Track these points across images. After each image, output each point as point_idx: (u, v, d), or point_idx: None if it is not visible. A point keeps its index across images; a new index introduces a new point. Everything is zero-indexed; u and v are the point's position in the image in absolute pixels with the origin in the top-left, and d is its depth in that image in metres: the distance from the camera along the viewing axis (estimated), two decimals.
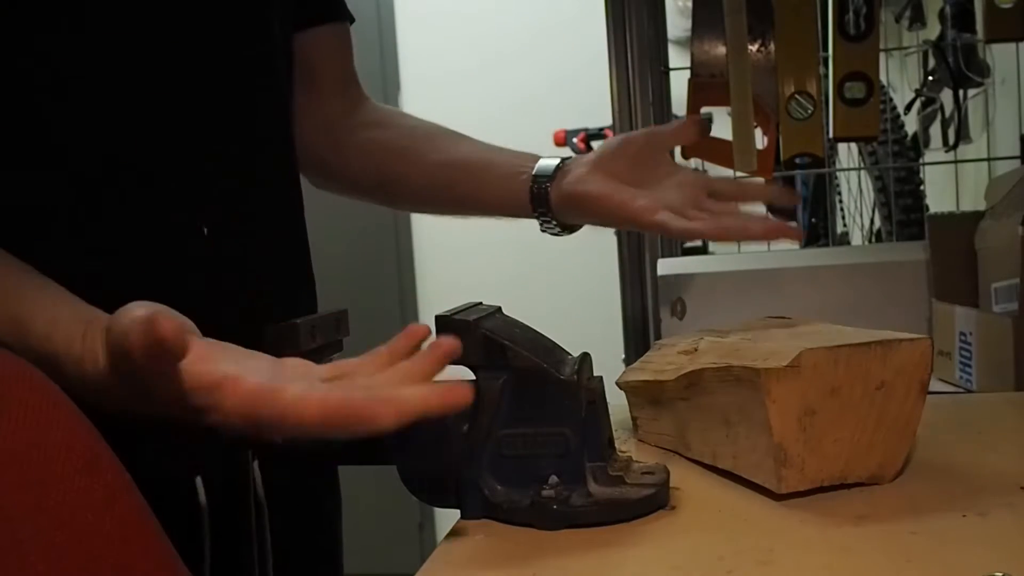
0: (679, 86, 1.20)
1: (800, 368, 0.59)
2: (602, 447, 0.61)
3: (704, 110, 0.98)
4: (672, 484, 0.63)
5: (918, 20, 1.78)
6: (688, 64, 1.00)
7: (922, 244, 1.28)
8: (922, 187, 1.79)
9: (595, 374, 0.63)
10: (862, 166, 2.00)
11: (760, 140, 0.95)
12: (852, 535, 0.56)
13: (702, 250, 2.60)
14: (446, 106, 3.32)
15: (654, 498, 0.61)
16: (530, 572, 0.54)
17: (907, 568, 0.51)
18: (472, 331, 0.61)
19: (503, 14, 3.22)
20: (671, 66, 1.42)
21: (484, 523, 0.61)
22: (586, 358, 0.62)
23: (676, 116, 1.55)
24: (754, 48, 0.95)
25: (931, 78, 1.75)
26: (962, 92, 1.71)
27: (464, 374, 0.63)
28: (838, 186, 2.19)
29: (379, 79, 3.17)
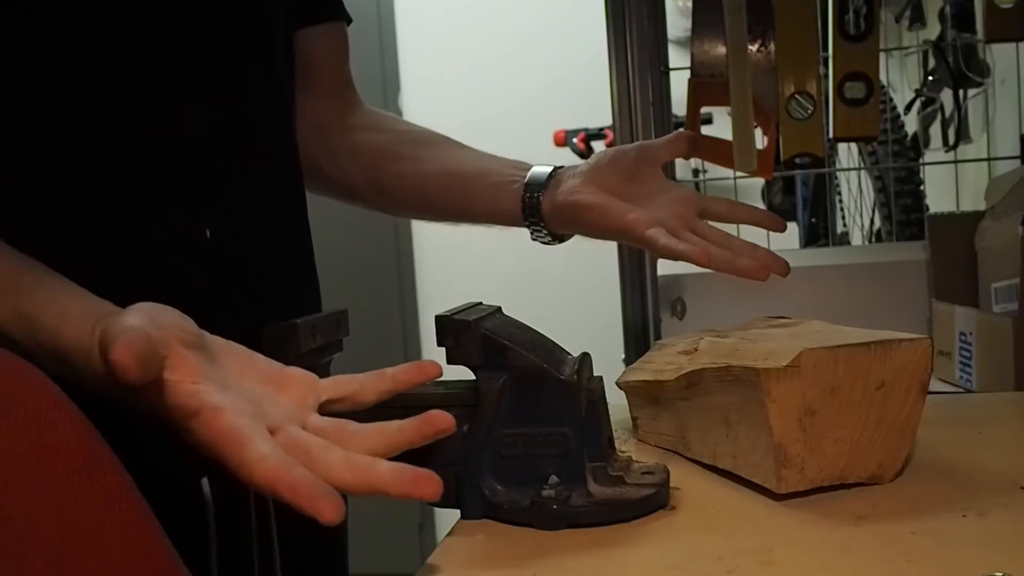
0: (679, 86, 1.20)
1: (800, 368, 0.59)
2: (602, 447, 0.61)
3: (704, 110, 0.98)
4: (672, 484, 0.63)
5: (918, 20, 1.78)
6: (688, 64, 1.00)
7: (922, 244, 1.28)
8: (922, 187, 1.79)
9: (595, 374, 0.63)
10: (862, 166, 2.00)
11: (760, 140, 0.95)
12: (852, 535, 0.56)
13: None
14: (446, 106, 3.33)
15: (654, 498, 0.61)
16: (530, 572, 0.54)
17: (907, 568, 0.51)
18: (472, 331, 0.61)
19: (503, 14, 3.22)
20: (671, 66, 1.42)
21: (484, 523, 0.61)
22: (586, 358, 0.62)
23: (676, 116, 1.55)
24: (754, 48, 0.95)
25: (931, 78, 1.75)
26: (962, 92, 1.71)
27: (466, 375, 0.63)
28: (838, 186, 2.19)
29: (379, 79, 3.17)
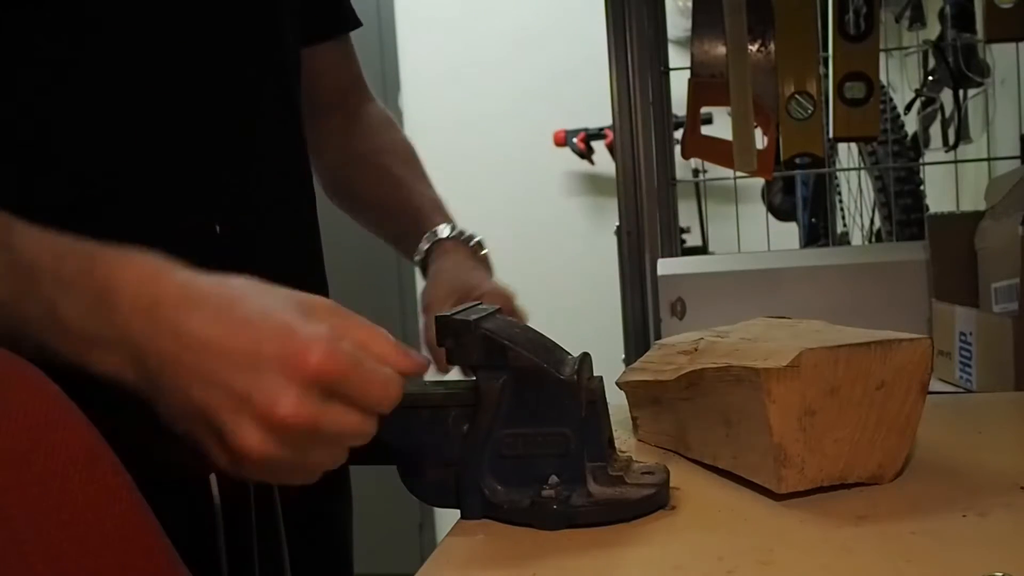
0: (679, 86, 1.21)
1: (800, 368, 0.59)
2: (602, 447, 0.61)
3: (704, 110, 0.98)
4: (672, 484, 0.63)
5: (918, 20, 1.78)
6: (688, 64, 1.00)
7: (922, 244, 1.28)
8: (922, 187, 1.79)
9: (595, 374, 0.63)
10: (862, 166, 2.00)
11: (760, 140, 0.95)
12: (852, 535, 0.56)
13: (702, 250, 2.60)
14: (446, 106, 3.33)
15: (654, 498, 0.61)
16: (530, 572, 0.54)
17: (907, 568, 0.51)
18: (472, 331, 0.61)
19: (503, 14, 3.22)
20: (671, 66, 1.42)
21: (484, 523, 0.61)
22: (586, 358, 0.62)
23: (676, 116, 1.56)
24: (754, 48, 0.95)
25: (931, 78, 1.75)
26: (962, 92, 1.71)
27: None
28: (838, 186, 2.19)
29: (379, 79, 3.17)
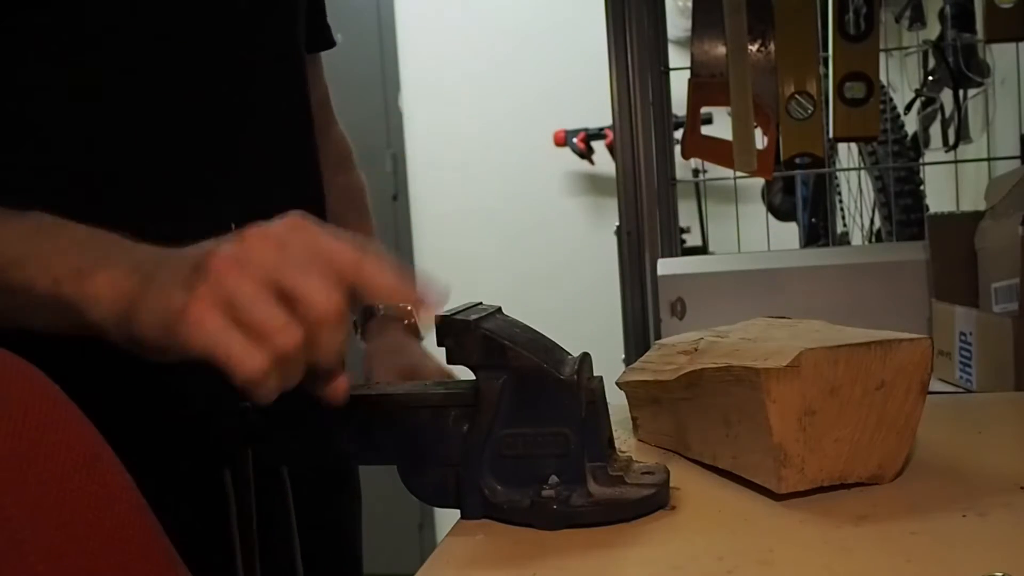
0: (679, 86, 1.21)
1: (800, 368, 0.59)
2: (602, 447, 0.61)
3: (704, 110, 0.98)
4: (672, 484, 0.63)
5: (918, 20, 1.78)
6: (688, 64, 1.00)
7: (922, 244, 1.28)
8: (922, 187, 1.79)
9: (595, 374, 0.63)
10: (862, 166, 2.00)
11: (760, 140, 0.95)
12: (852, 535, 0.56)
13: (702, 250, 2.60)
14: (446, 107, 3.33)
15: (654, 498, 0.61)
16: (530, 572, 0.54)
17: (907, 568, 0.51)
18: (472, 331, 0.61)
19: (503, 15, 3.22)
20: (671, 66, 1.42)
21: (484, 523, 0.61)
22: (586, 358, 0.62)
23: (676, 116, 1.56)
24: (754, 48, 0.95)
25: (931, 78, 1.75)
26: (962, 92, 1.71)
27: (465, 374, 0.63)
28: (838, 186, 2.19)
29: (379, 80, 3.17)
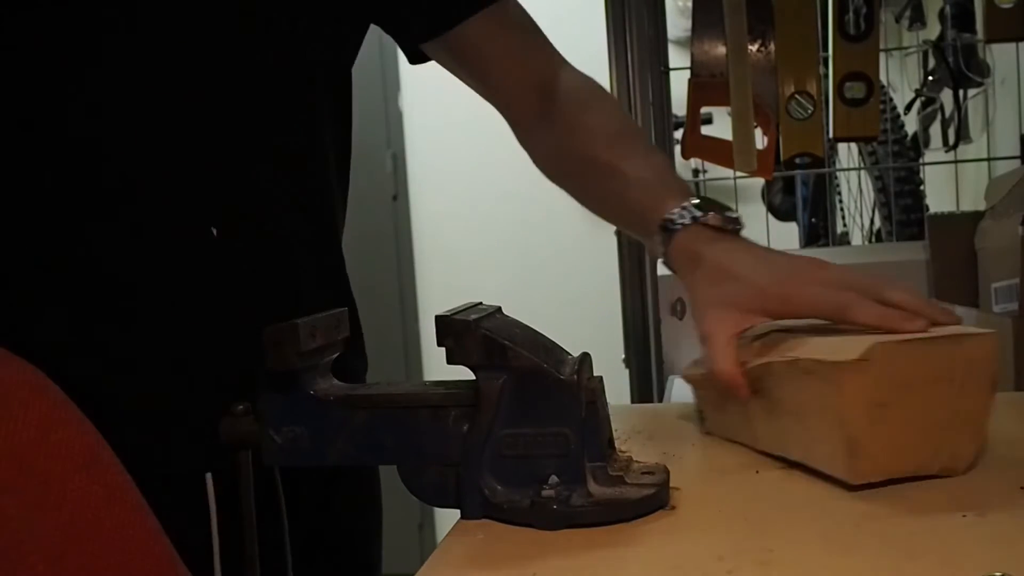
0: (679, 86, 1.21)
1: (872, 361, 0.60)
2: (602, 447, 0.61)
3: (704, 110, 0.98)
4: (672, 484, 0.63)
5: (918, 20, 1.78)
6: (688, 64, 1.00)
7: (922, 244, 1.28)
8: (922, 187, 1.79)
9: (595, 374, 0.63)
10: (862, 166, 2.00)
11: (760, 140, 0.95)
12: (852, 535, 0.56)
13: None
14: (446, 106, 3.33)
15: (654, 498, 0.61)
16: (530, 572, 0.54)
17: (907, 568, 0.51)
18: (472, 331, 0.61)
19: None
20: (671, 66, 1.42)
21: (484, 523, 0.61)
22: (586, 358, 0.62)
23: (676, 116, 1.56)
24: (754, 48, 0.95)
25: (931, 78, 1.75)
26: (962, 92, 1.71)
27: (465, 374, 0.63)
28: (838, 186, 2.19)
29: (379, 79, 3.17)
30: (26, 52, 0.69)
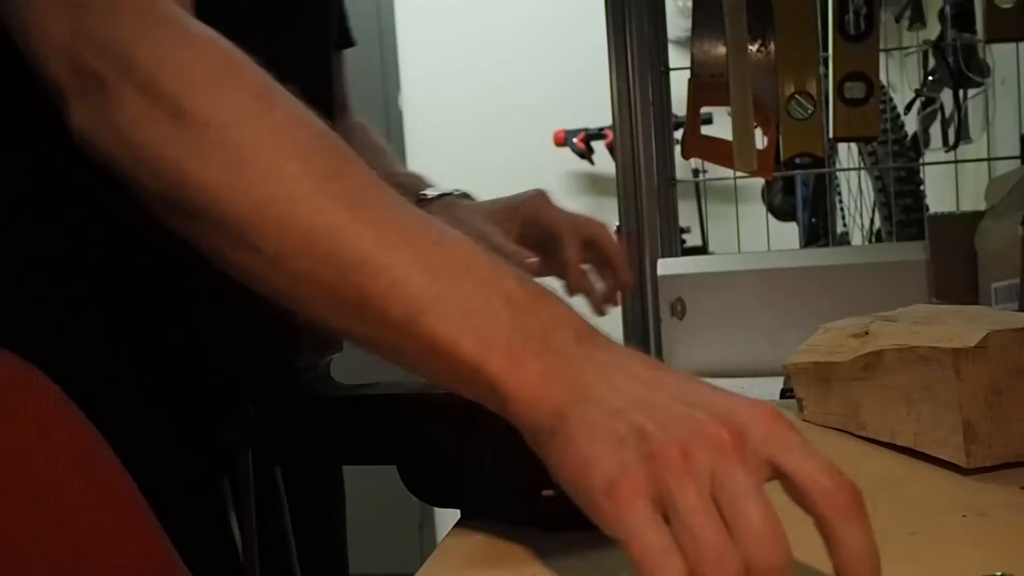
0: (679, 86, 1.20)
1: (988, 348, 0.62)
2: None
3: (704, 110, 0.98)
4: None
5: (918, 20, 1.78)
6: (688, 64, 1.00)
7: (922, 244, 1.28)
8: (922, 187, 1.79)
9: None
10: (862, 166, 2.00)
11: (760, 140, 0.95)
12: None
13: (702, 250, 2.60)
14: (446, 106, 3.33)
15: None
16: (530, 572, 0.54)
17: (907, 568, 0.51)
18: None
19: (503, 14, 3.22)
20: (671, 66, 1.42)
21: (484, 523, 0.61)
22: None
23: (676, 116, 1.55)
24: (754, 48, 0.95)
25: (931, 78, 1.75)
26: (962, 92, 1.71)
27: None
28: (838, 186, 2.20)
29: (379, 79, 3.17)
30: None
